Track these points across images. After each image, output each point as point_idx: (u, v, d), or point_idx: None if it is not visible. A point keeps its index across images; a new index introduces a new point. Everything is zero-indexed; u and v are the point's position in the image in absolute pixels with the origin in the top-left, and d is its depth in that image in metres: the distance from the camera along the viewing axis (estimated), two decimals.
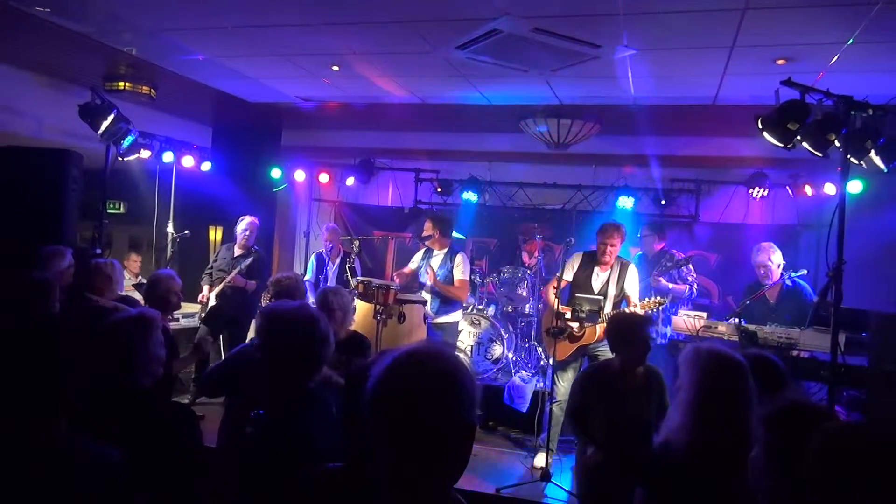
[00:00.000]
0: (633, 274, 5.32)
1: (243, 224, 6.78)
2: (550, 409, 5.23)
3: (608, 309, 5.13)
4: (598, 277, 5.34)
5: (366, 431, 1.26)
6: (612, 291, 5.23)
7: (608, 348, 5.18)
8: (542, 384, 6.10)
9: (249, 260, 6.56)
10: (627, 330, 3.73)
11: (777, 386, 2.85)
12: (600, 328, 5.07)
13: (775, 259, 5.47)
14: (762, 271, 5.52)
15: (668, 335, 5.49)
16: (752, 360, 2.89)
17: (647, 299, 5.20)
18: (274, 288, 4.40)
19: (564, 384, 5.18)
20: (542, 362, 6.63)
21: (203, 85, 6.69)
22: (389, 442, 1.23)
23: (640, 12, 4.13)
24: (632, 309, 5.06)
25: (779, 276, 5.47)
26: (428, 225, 6.03)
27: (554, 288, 5.31)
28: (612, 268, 5.29)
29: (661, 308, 5.21)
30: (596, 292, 5.26)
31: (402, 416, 1.21)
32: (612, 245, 5.20)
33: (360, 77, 6.04)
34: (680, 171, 7.62)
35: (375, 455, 1.24)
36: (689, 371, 2.37)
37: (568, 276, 5.41)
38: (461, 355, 6.11)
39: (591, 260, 5.37)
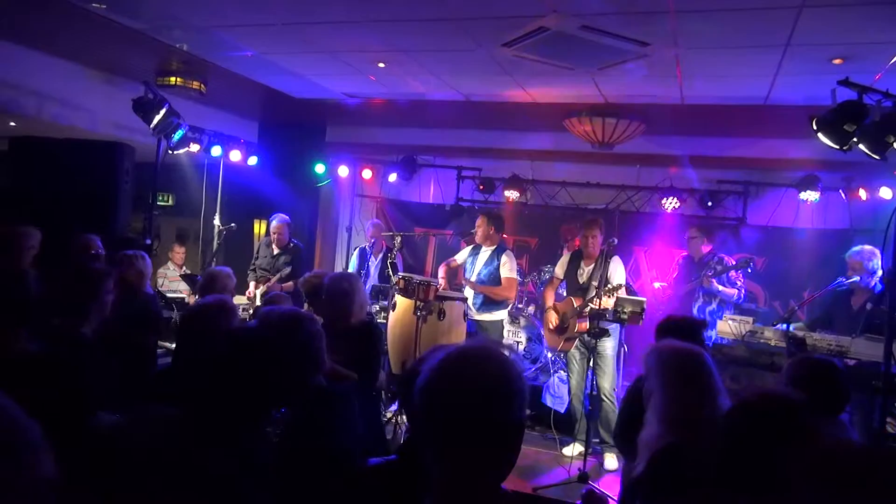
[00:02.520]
0: (614, 264, 5.48)
1: (272, 226, 6.89)
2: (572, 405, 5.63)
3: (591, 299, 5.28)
4: (584, 271, 5.57)
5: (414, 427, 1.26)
6: (594, 283, 5.38)
7: (604, 337, 5.24)
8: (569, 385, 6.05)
9: (287, 269, 6.60)
10: (682, 335, 3.63)
11: (839, 396, 2.75)
12: (581, 324, 5.38)
13: (871, 265, 5.21)
14: (851, 272, 5.22)
15: (714, 338, 5.38)
16: (813, 368, 2.79)
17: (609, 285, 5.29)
18: (305, 288, 4.43)
19: (575, 377, 5.59)
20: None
21: (251, 81, 6.81)
22: (438, 440, 1.23)
23: (691, 10, 4.06)
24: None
25: (872, 284, 5.13)
26: (483, 220, 6.05)
27: (553, 287, 5.83)
28: (595, 261, 5.49)
29: (616, 294, 5.24)
30: (581, 283, 5.52)
31: (451, 415, 1.21)
32: (592, 237, 5.51)
33: (405, 74, 6.07)
34: (727, 173, 7.46)
35: (424, 452, 1.25)
36: (654, 371, 2.33)
37: (560, 273, 5.76)
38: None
39: (578, 256, 5.69)
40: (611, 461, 5.29)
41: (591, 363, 5.29)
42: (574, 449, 5.46)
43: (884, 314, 3.64)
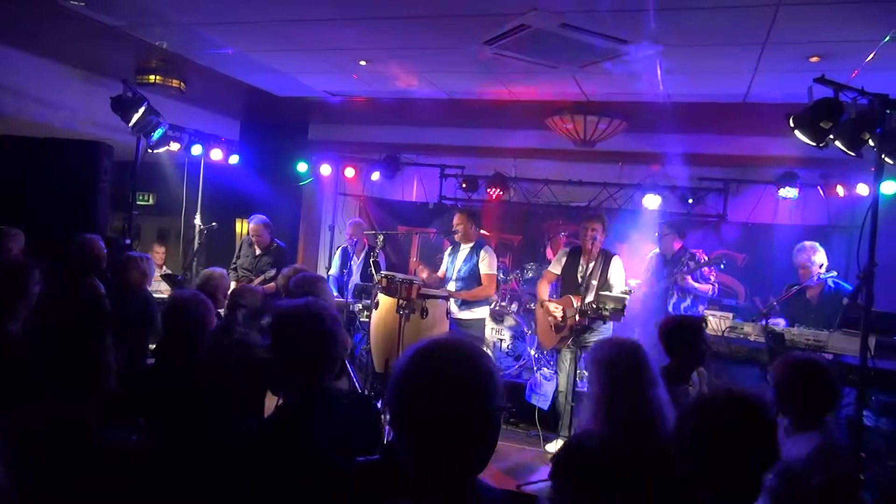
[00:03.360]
0: (616, 265, 5.44)
1: (250, 228, 6.85)
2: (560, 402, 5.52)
3: (590, 299, 5.22)
4: (583, 269, 5.49)
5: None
6: (594, 282, 5.34)
7: (597, 338, 5.26)
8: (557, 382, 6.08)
9: (272, 271, 6.55)
10: (687, 333, 3.67)
11: (828, 396, 2.73)
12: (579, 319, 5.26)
13: (817, 259, 5.33)
14: (802, 272, 5.40)
15: None
16: (804, 367, 2.76)
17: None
18: (283, 285, 4.46)
19: (563, 375, 5.50)
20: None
21: (232, 79, 6.76)
22: (410, 435, 1.23)
23: (670, 8, 4.09)
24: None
25: (820, 277, 5.31)
26: (461, 217, 6.00)
27: (548, 282, 5.72)
28: (595, 259, 5.42)
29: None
30: (579, 283, 5.42)
31: (423, 411, 1.20)
32: (592, 230, 5.37)
33: (387, 72, 6.06)
34: (708, 170, 7.53)
35: (398, 446, 1.24)
36: (593, 365, 2.44)
37: (556, 269, 5.68)
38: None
39: (578, 253, 5.57)
40: None
41: (578, 360, 5.30)
42: (557, 445, 5.48)
43: (860, 309, 3.68)
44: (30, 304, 2.88)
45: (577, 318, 5.13)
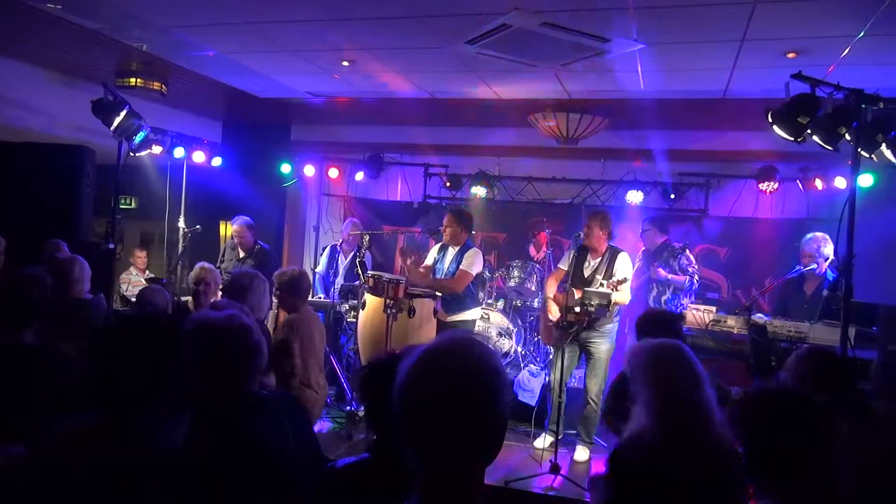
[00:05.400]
0: (622, 261, 5.44)
1: (233, 229, 6.82)
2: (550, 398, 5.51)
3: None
4: (589, 265, 5.53)
5: (391, 425, 1.23)
6: (598, 277, 5.36)
7: (599, 338, 5.29)
8: (550, 378, 6.11)
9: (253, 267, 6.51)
10: (654, 325, 3.71)
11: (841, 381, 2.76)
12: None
13: (825, 251, 5.36)
14: (806, 260, 5.42)
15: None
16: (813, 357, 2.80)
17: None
18: (279, 281, 4.48)
19: (555, 371, 5.44)
20: (550, 356, 6.65)
21: (213, 81, 6.73)
22: (422, 438, 1.21)
23: (649, 6, 4.13)
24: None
25: (824, 269, 5.34)
26: (450, 219, 5.89)
27: (556, 279, 5.66)
28: (602, 256, 5.46)
29: (620, 287, 5.28)
30: (585, 278, 5.44)
31: (436, 412, 1.19)
32: (587, 227, 5.47)
33: (369, 72, 6.06)
34: (689, 166, 7.60)
35: (405, 450, 1.23)
36: (636, 370, 2.36)
37: (564, 266, 5.66)
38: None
39: (585, 250, 5.59)
40: (581, 453, 5.36)
41: (566, 356, 5.32)
42: (545, 441, 5.52)
43: (840, 300, 3.75)
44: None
45: (577, 315, 5.14)
